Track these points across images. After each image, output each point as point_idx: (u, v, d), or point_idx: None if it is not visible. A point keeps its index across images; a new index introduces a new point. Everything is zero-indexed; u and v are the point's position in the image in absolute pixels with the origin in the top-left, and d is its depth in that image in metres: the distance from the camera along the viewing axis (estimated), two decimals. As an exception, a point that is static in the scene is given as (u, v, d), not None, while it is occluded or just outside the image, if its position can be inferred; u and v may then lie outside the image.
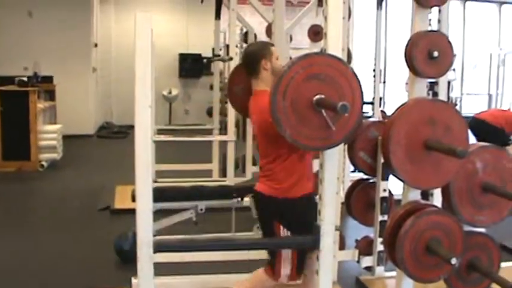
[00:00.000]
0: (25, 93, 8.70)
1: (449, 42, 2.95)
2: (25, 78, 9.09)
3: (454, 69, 12.30)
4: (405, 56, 2.92)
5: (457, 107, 12.95)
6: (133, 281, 3.98)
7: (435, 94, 4.13)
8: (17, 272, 4.59)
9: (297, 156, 3.13)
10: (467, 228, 2.84)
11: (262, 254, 3.89)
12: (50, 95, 10.63)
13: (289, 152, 3.10)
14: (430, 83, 4.04)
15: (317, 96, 2.42)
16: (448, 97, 5.86)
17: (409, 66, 2.91)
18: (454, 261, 2.53)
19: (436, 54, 2.87)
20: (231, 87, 3.88)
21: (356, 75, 2.52)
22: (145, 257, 2.38)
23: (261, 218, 3.45)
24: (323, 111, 2.41)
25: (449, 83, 7.83)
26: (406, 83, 8.65)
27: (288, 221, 3.19)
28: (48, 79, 10.85)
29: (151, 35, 2.30)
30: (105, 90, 13.66)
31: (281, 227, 3.19)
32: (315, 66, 2.45)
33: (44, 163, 8.82)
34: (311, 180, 3.26)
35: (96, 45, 12.94)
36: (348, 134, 2.54)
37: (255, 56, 3.32)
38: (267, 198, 3.24)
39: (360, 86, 2.52)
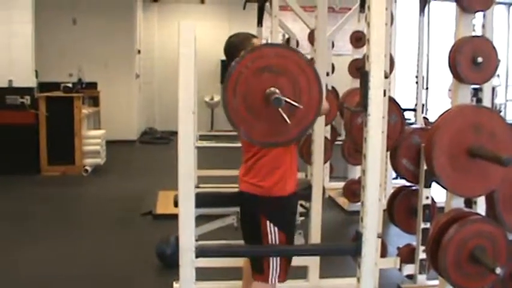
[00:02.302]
0: (70, 99, 8.86)
1: (493, 47, 2.91)
2: (70, 85, 9.24)
3: (498, 75, 12.10)
4: (449, 62, 2.89)
5: (502, 114, 12.74)
6: (175, 285, 4.02)
7: (479, 100, 4.06)
8: (59, 276, 4.67)
9: (281, 150, 3.03)
10: (512, 237, 2.80)
11: (302, 261, 3.90)
12: (94, 101, 10.83)
13: (265, 151, 3.03)
14: (474, 89, 3.99)
15: (268, 90, 2.37)
16: (492, 103, 5.77)
17: (452, 73, 2.89)
18: (498, 270, 2.50)
19: (480, 60, 2.83)
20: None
21: (312, 66, 2.44)
22: (187, 261, 2.40)
23: (245, 217, 3.35)
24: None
25: (493, 89, 7.72)
26: (449, 90, 8.57)
27: (275, 218, 3.12)
28: (93, 85, 11.05)
29: (194, 43, 2.32)
30: (148, 96, 13.80)
31: (267, 223, 3.11)
32: (265, 59, 2.39)
33: (87, 168, 8.96)
34: (294, 174, 3.17)
35: (139, 51, 13.10)
36: (305, 130, 2.48)
37: (235, 47, 3.21)
38: (250, 197, 3.16)
39: (318, 77, 2.43)
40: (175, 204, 2.55)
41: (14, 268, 4.86)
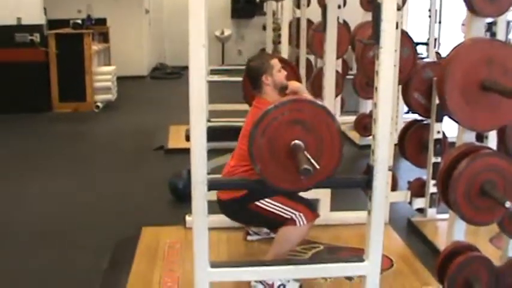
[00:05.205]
0: (80, 36, 8.82)
1: (510, -22, 2.84)
2: (79, 21, 9.19)
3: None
4: (463, -6, 2.83)
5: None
6: (188, 218, 4.07)
7: (493, 35, 4.01)
8: (73, 211, 4.75)
9: None
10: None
11: (313, 194, 3.92)
12: (104, 37, 10.75)
13: None
14: (488, 23, 3.93)
15: (294, 142, 2.43)
16: (506, 38, 5.69)
17: (466, 4, 2.82)
18: (508, 204, 2.50)
19: (496, -9, 2.77)
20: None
21: (340, 133, 2.52)
22: (200, 194, 2.43)
23: (236, 217, 3.53)
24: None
25: (508, 23, 7.58)
26: (463, 24, 8.43)
27: (261, 195, 3.25)
28: (102, 21, 10.96)
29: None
30: (158, 32, 13.67)
31: (260, 204, 3.24)
32: (301, 113, 2.46)
33: (99, 104, 8.99)
34: None
35: (148, -14, 12.94)
36: (315, 185, 2.57)
37: (255, 72, 3.39)
38: (232, 203, 3.31)
39: (341, 144, 2.52)
40: (187, 139, 2.56)
41: (27, 203, 4.96)
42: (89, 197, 5.06)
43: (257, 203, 3.23)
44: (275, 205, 3.22)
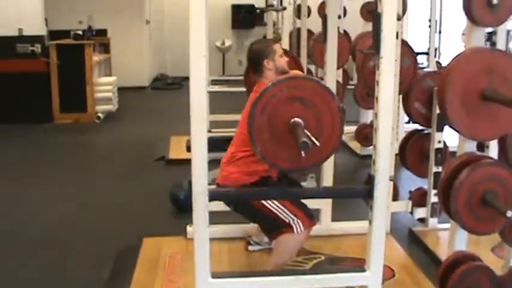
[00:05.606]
0: (80, 47, 8.84)
1: (509, -12, 2.86)
2: (80, 32, 9.22)
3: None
4: (463, 4, 2.84)
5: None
6: (189, 229, 4.06)
7: (493, 45, 4.02)
8: (74, 221, 4.74)
9: None
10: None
11: (315, 204, 3.92)
12: (105, 48, 10.77)
13: None
14: (488, 33, 3.94)
15: (294, 119, 2.42)
16: (506, 47, 5.69)
17: (466, 14, 2.84)
18: (509, 214, 2.50)
19: (495, 1, 2.78)
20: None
21: (341, 109, 2.50)
22: (201, 205, 2.42)
23: (236, 208, 3.46)
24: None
25: (508, 32, 7.60)
26: (463, 34, 8.44)
27: None
28: (103, 32, 10.97)
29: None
30: (158, 43, 13.70)
31: (264, 200, 3.23)
32: (300, 90, 2.45)
33: (100, 115, 9.00)
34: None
35: (149, -3, 12.98)
36: (316, 164, 2.57)
37: (257, 56, 3.39)
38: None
39: (342, 123, 2.50)
40: (188, 149, 2.57)
41: (27, 212, 4.95)
42: (90, 206, 5.05)
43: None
44: (277, 206, 3.21)
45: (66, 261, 3.98)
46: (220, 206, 3.34)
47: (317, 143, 2.37)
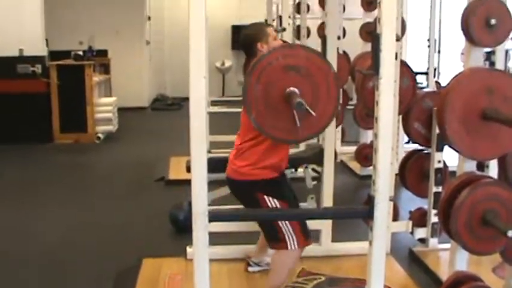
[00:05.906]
0: (81, 67, 8.86)
1: (507, 9, 2.88)
2: (81, 53, 9.25)
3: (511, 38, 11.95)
4: (461, 24, 2.86)
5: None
6: (188, 250, 4.05)
7: (492, 64, 4.04)
8: (74, 241, 4.73)
9: (271, 145, 3.08)
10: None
11: (315, 224, 3.92)
12: (105, 69, 10.82)
13: (265, 138, 3.05)
14: (487, 53, 3.95)
15: (289, 89, 2.41)
16: (505, 67, 5.70)
17: (465, 35, 2.86)
18: (510, 233, 2.50)
19: (493, 22, 2.81)
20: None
21: (337, 80, 2.49)
22: (201, 226, 2.41)
23: (241, 199, 3.44)
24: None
25: (506, 52, 7.62)
26: (462, 53, 8.47)
27: (271, 191, 3.22)
28: (103, 53, 11.02)
29: (205, 8, 2.30)
30: (158, 63, 13.76)
31: (265, 198, 3.21)
32: (296, 58, 2.43)
33: (100, 135, 9.01)
34: (285, 161, 3.28)
35: (149, 18, 13.04)
36: (313, 135, 2.57)
37: (250, 39, 3.33)
38: (242, 183, 3.28)
39: (338, 93, 2.49)
40: (188, 170, 2.57)
41: (26, 232, 4.93)
42: (90, 226, 5.04)
43: (265, 196, 3.21)
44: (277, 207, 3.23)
45: (66, 281, 3.97)
46: (220, 227, 3.34)
47: (313, 113, 2.35)
